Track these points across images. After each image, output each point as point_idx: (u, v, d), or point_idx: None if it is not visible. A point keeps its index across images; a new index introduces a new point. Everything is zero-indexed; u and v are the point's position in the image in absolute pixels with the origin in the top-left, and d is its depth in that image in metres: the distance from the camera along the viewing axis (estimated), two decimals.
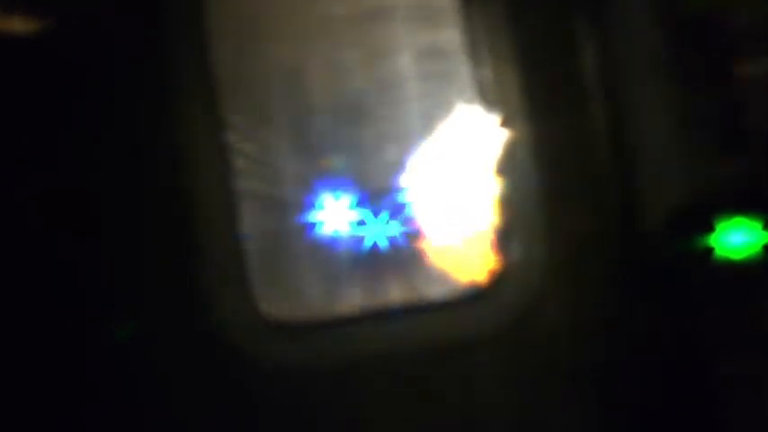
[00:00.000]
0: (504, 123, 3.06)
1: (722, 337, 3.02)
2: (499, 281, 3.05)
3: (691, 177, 3.09)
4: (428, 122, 3.13)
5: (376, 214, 3.08)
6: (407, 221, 3.08)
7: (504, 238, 3.05)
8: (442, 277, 3.14)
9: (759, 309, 3.00)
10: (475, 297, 3.06)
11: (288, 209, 3.08)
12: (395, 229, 3.07)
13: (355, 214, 3.08)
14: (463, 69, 3.09)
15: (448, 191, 3.10)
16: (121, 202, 3.01)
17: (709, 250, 3.01)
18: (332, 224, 3.07)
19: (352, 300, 3.13)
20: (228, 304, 3.01)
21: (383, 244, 3.06)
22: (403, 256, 3.09)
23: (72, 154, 3.02)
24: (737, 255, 3.02)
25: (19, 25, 3.05)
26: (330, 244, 3.08)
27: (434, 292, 3.14)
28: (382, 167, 3.13)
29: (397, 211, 3.08)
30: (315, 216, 3.06)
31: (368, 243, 3.07)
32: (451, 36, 3.11)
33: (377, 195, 3.11)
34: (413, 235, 3.08)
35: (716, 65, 3.06)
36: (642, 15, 3.10)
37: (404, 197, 3.10)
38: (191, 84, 3.03)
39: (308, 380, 3.02)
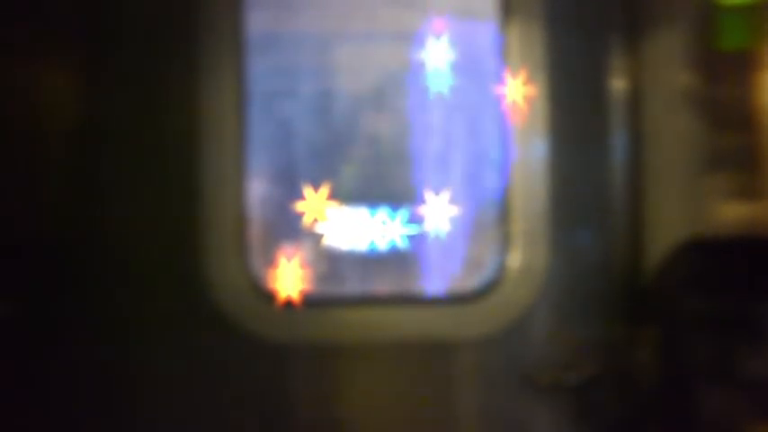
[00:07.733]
0: (526, 134, 3.09)
1: (706, 368, 3.01)
2: (497, 285, 3.05)
3: (699, 216, 3.10)
4: (450, 124, 3.18)
5: (390, 210, 3.11)
6: (416, 218, 3.09)
7: (508, 245, 3.06)
8: (439, 275, 3.15)
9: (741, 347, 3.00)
10: (471, 298, 3.06)
11: (297, 186, 3.09)
12: (404, 225, 3.08)
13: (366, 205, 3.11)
14: (493, 73, 3.14)
15: (459, 192, 3.12)
16: (135, 160, 3.04)
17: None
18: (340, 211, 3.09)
19: (351, 285, 3.15)
20: (225, 271, 3.02)
21: (390, 239, 3.08)
22: (404, 251, 3.10)
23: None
24: None
25: None
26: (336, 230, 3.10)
27: (431, 289, 3.15)
28: (396, 164, 3.18)
29: (409, 207, 3.10)
30: (324, 199, 3.07)
31: (375, 236, 3.09)
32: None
33: (389, 190, 3.15)
34: (419, 232, 3.09)
35: (741, 106, 3.08)
36: (673, 50, 3.14)
37: (416, 195, 3.12)
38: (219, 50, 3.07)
39: (290, 354, 3.02)
